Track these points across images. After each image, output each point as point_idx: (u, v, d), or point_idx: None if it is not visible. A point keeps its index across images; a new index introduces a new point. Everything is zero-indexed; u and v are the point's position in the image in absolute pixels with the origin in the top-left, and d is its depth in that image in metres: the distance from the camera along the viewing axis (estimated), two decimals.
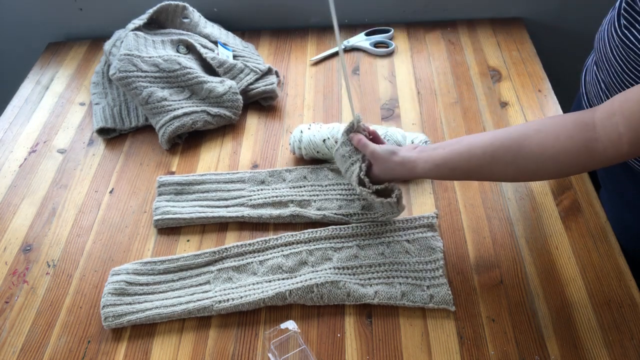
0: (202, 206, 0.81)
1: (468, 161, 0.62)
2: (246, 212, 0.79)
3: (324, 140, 0.83)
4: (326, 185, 0.82)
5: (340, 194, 0.81)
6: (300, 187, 0.82)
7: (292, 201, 0.80)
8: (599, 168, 0.78)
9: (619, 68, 0.65)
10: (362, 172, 0.71)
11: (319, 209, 0.79)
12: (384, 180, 0.71)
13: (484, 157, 0.61)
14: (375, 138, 0.74)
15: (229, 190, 0.83)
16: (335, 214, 0.78)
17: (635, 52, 0.61)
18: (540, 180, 0.80)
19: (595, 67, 0.74)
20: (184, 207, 0.81)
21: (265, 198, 0.81)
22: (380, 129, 0.83)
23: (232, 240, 0.77)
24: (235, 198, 0.82)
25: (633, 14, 0.63)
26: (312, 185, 0.82)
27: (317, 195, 0.81)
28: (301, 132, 0.85)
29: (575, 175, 0.82)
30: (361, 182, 0.71)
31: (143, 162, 0.91)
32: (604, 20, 0.72)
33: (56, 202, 0.85)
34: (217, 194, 0.83)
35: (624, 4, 0.64)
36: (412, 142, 0.82)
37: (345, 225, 0.76)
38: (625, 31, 0.63)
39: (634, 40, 0.61)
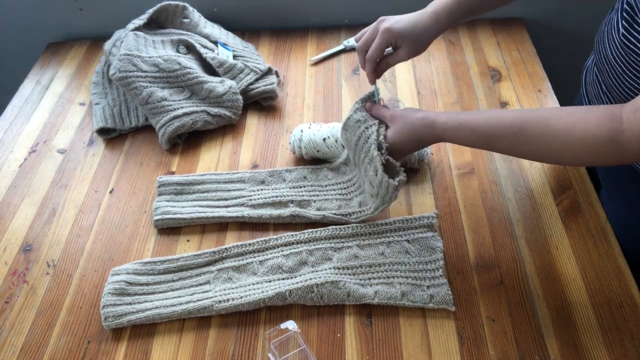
0: (202, 206, 0.81)
1: (494, 127, 0.62)
2: (246, 212, 0.79)
3: (324, 139, 0.83)
4: (326, 186, 0.82)
5: (339, 194, 0.81)
6: (300, 187, 0.82)
7: (292, 201, 0.80)
8: (620, 163, 0.77)
9: (620, 70, 0.65)
10: (381, 136, 0.70)
11: (318, 209, 0.79)
12: (399, 147, 0.70)
13: (510, 127, 0.61)
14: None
15: (229, 190, 0.83)
16: (335, 214, 0.78)
17: (636, 54, 0.61)
18: (560, 164, 0.79)
19: (595, 68, 0.74)
20: (184, 207, 0.81)
21: (265, 198, 0.81)
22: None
23: (232, 240, 0.77)
24: (235, 198, 0.82)
25: (633, 15, 0.62)
26: (312, 186, 0.82)
27: (317, 195, 0.81)
28: (301, 131, 0.85)
29: (597, 166, 0.83)
30: (379, 147, 0.70)
31: (143, 162, 0.91)
32: (603, 22, 0.72)
33: (56, 202, 0.85)
34: (217, 194, 0.83)
35: (624, 6, 0.64)
36: None
37: (345, 225, 0.76)
38: (625, 33, 0.63)
39: (634, 42, 0.61)
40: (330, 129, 0.84)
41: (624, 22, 0.63)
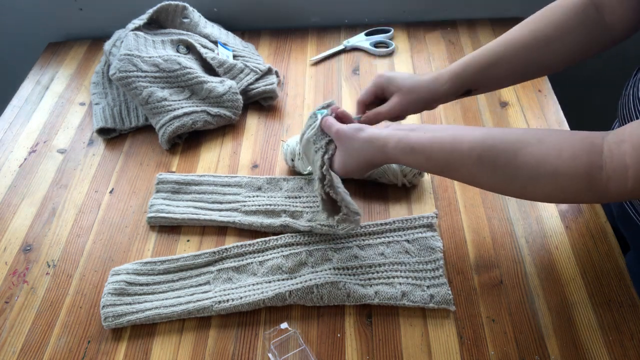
0: (196, 207, 0.81)
1: (450, 154, 0.54)
2: (238, 218, 0.78)
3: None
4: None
5: None
6: (296, 197, 0.81)
7: (285, 211, 0.79)
8: (595, 203, 0.69)
9: None
10: (326, 155, 0.63)
11: (309, 221, 0.77)
12: (351, 170, 0.63)
13: (469, 155, 0.52)
14: (345, 119, 0.67)
15: (224, 194, 0.82)
16: (323, 225, 0.75)
17: None
18: (523, 199, 0.68)
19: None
20: (178, 207, 0.80)
21: (259, 205, 0.80)
22: None
23: (232, 241, 0.77)
24: (230, 202, 0.81)
25: None
26: (307, 197, 0.81)
27: (311, 207, 0.79)
28: (287, 145, 0.84)
29: (569, 204, 0.77)
30: (322, 176, 0.64)
31: (143, 162, 0.91)
32: (627, 84, 0.66)
33: (56, 202, 0.85)
34: (213, 196, 0.82)
35: None
36: None
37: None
38: None
39: None
40: None
41: None
